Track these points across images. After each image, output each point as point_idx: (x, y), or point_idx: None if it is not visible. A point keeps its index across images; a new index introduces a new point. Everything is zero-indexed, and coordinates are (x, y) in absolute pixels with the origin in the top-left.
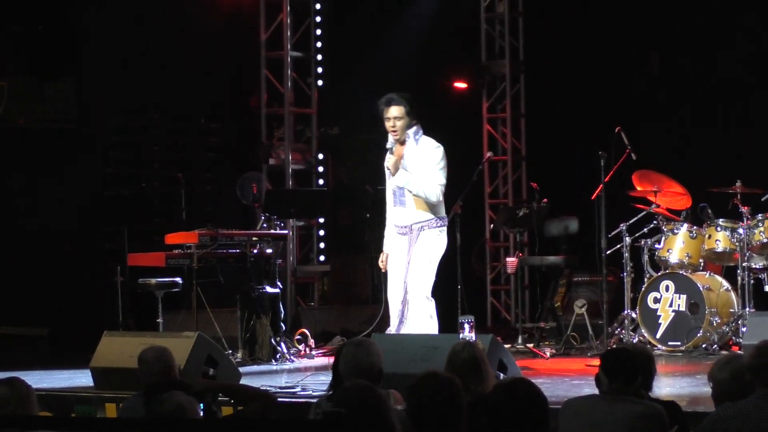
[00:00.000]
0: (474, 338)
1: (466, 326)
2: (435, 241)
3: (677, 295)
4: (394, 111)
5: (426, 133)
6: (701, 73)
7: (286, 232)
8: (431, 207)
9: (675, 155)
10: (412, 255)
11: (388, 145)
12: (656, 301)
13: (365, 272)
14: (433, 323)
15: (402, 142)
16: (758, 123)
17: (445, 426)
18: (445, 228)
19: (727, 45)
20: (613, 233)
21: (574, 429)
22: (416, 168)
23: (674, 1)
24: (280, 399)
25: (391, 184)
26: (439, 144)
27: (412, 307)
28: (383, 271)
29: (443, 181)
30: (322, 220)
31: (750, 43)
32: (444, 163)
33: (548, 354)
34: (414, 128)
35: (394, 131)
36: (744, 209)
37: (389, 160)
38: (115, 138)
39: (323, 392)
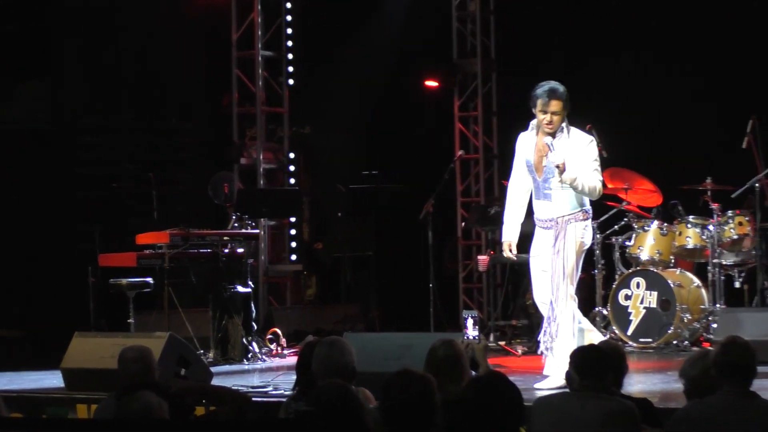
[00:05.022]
0: (477, 335)
1: (470, 321)
2: (582, 235)
3: (648, 292)
4: (555, 105)
5: (393, 130)
6: (672, 71)
7: (257, 231)
8: (578, 199)
9: (646, 153)
10: (558, 249)
11: (545, 140)
12: (627, 298)
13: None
14: (575, 323)
15: (552, 135)
16: (728, 121)
17: (418, 424)
18: (590, 220)
19: (697, 44)
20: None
21: (546, 426)
22: (572, 162)
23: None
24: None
25: (540, 177)
26: (592, 138)
27: (559, 307)
28: (512, 259)
29: (601, 175)
30: (293, 219)
31: (719, 43)
32: (598, 156)
33: (520, 351)
34: (565, 121)
35: (550, 125)
36: (714, 206)
37: (558, 158)
38: (87, 138)
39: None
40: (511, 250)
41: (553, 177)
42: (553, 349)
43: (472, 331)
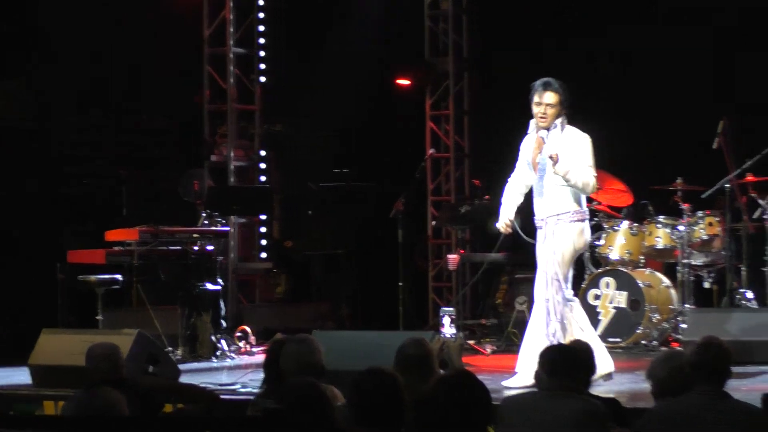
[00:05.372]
0: (454, 332)
1: (446, 319)
2: (569, 238)
3: (618, 292)
4: (549, 97)
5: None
6: (643, 72)
7: (227, 229)
8: (571, 197)
9: (617, 153)
10: (548, 249)
11: (539, 134)
12: (597, 297)
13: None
14: (567, 326)
15: (546, 130)
16: (699, 121)
17: (386, 422)
18: (584, 222)
19: (667, 46)
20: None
21: (514, 425)
22: (563, 156)
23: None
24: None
25: (536, 174)
26: (585, 134)
27: (555, 308)
28: (505, 233)
29: (595, 172)
30: (263, 217)
31: (690, 45)
32: (593, 154)
33: (489, 350)
34: (561, 117)
35: (544, 118)
36: (685, 206)
37: (551, 149)
38: (59, 135)
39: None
40: (509, 227)
41: (546, 173)
42: None
43: (448, 329)
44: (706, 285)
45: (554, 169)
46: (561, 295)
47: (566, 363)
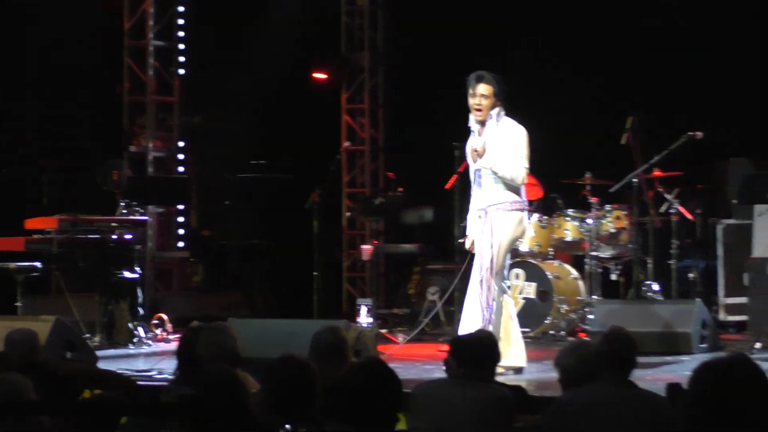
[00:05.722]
0: (371, 322)
1: (363, 309)
2: (507, 226)
3: (527, 283)
4: (483, 89)
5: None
6: (553, 68)
7: (145, 218)
8: (508, 188)
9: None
10: (485, 239)
11: (471, 126)
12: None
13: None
14: (498, 314)
15: (482, 123)
16: (607, 117)
17: (298, 408)
18: (522, 213)
19: (578, 42)
20: (465, 222)
21: (425, 413)
22: (496, 149)
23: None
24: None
25: (474, 165)
26: (521, 126)
27: (487, 297)
28: (472, 252)
29: (527, 164)
30: (181, 207)
31: (599, 42)
32: (527, 145)
33: (401, 339)
34: (497, 109)
35: (479, 110)
36: (593, 200)
37: (477, 142)
38: None
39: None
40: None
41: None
42: None
43: (365, 318)
44: (613, 277)
45: (480, 161)
46: (494, 282)
47: (474, 352)
